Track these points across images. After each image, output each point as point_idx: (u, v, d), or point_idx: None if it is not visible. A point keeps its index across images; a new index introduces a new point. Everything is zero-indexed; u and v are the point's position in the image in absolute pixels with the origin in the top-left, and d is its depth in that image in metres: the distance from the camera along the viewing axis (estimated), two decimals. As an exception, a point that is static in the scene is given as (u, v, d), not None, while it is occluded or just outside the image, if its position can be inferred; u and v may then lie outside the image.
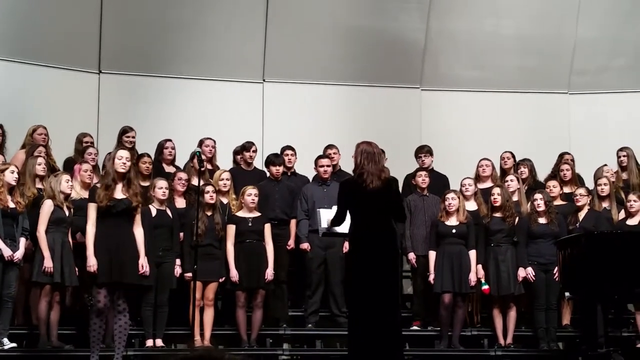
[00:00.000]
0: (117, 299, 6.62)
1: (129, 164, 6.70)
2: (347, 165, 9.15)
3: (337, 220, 6.50)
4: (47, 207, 7.33)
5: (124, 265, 6.59)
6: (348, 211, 6.39)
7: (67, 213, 7.40)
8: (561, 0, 10.64)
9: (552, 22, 10.66)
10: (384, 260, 6.22)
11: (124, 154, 6.73)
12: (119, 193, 6.63)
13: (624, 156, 9.19)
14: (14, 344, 7.29)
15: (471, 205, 8.41)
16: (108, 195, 6.57)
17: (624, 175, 9.12)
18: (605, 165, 9.04)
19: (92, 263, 6.57)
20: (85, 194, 7.71)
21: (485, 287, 8.08)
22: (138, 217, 6.76)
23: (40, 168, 7.73)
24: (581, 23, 10.63)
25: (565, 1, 10.63)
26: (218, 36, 10.24)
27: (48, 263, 7.23)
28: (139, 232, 6.74)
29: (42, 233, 7.28)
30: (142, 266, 6.72)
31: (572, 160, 9.36)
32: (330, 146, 9.05)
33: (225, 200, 8.26)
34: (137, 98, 10.13)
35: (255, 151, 9.04)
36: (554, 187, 8.61)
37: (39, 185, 7.72)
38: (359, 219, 6.32)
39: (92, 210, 6.65)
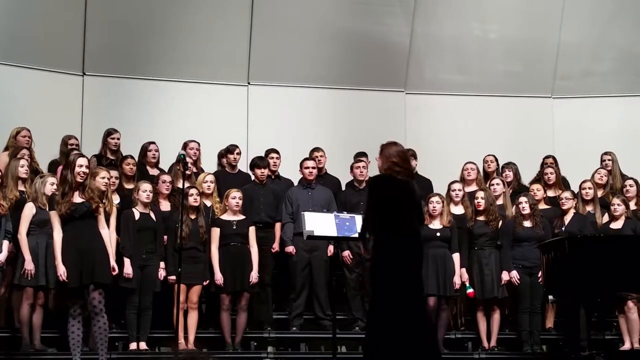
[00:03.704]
0: (93, 299, 6.56)
1: (88, 171, 6.71)
2: (333, 168, 9.21)
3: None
4: (29, 209, 7.29)
5: (92, 266, 6.53)
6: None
7: (50, 215, 7.36)
8: (545, 6, 10.70)
9: (537, 27, 10.71)
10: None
11: (83, 162, 6.70)
12: (77, 198, 6.62)
13: (608, 160, 9.24)
14: (-4, 347, 7.25)
15: (458, 209, 8.43)
16: (67, 201, 6.56)
17: (609, 179, 9.16)
18: (602, 168, 9.07)
19: (61, 271, 6.54)
20: (69, 196, 7.68)
21: (470, 290, 8.10)
22: (102, 218, 6.72)
23: (22, 170, 7.67)
24: (565, 28, 10.69)
25: (550, 6, 10.69)
26: (203, 38, 10.21)
27: (29, 266, 7.19)
28: (105, 232, 6.72)
29: (23, 236, 7.24)
30: (114, 268, 6.71)
31: (555, 163, 9.41)
32: (316, 149, 9.06)
33: (209, 203, 8.25)
34: (121, 100, 10.09)
35: (239, 154, 9.03)
36: (537, 190, 8.65)
37: (21, 188, 7.67)
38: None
39: (54, 217, 6.63)
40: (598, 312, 7.78)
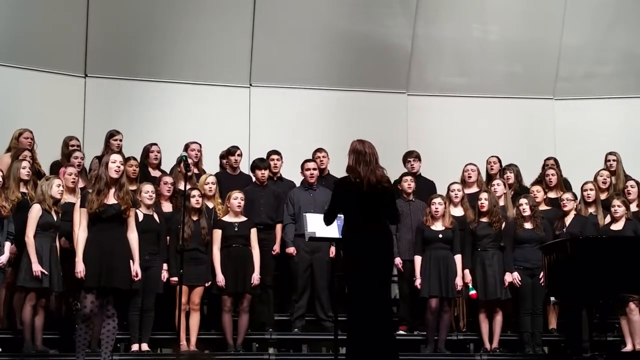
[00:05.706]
0: (107, 303, 6.51)
1: (122, 167, 6.60)
2: (336, 169, 9.21)
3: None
4: (35, 211, 7.26)
5: (114, 270, 6.44)
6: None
7: (55, 218, 7.35)
8: (547, 7, 10.71)
9: (538, 29, 10.73)
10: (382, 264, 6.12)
11: (117, 158, 6.60)
12: (111, 198, 6.51)
13: (613, 160, 9.22)
14: (-2, 348, 7.26)
15: (458, 211, 8.43)
16: (100, 201, 6.45)
17: (612, 180, 9.14)
18: (604, 170, 9.06)
19: (79, 269, 6.43)
20: (69, 198, 7.67)
21: (473, 292, 8.09)
22: (131, 221, 6.60)
23: (24, 172, 7.67)
24: (566, 30, 10.70)
25: (551, 8, 10.70)
26: (205, 40, 10.23)
27: (36, 268, 7.15)
28: (132, 237, 6.59)
29: (30, 238, 7.20)
30: (137, 273, 6.59)
31: (556, 165, 9.40)
32: (319, 149, 9.05)
33: (210, 205, 8.25)
34: (123, 102, 10.11)
35: (240, 155, 9.03)
36: (537, 192, 8.65)
37: (23, 190, 7.67)
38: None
39: (83, 215, 6.51)
40: (600, 314, 7.78)
